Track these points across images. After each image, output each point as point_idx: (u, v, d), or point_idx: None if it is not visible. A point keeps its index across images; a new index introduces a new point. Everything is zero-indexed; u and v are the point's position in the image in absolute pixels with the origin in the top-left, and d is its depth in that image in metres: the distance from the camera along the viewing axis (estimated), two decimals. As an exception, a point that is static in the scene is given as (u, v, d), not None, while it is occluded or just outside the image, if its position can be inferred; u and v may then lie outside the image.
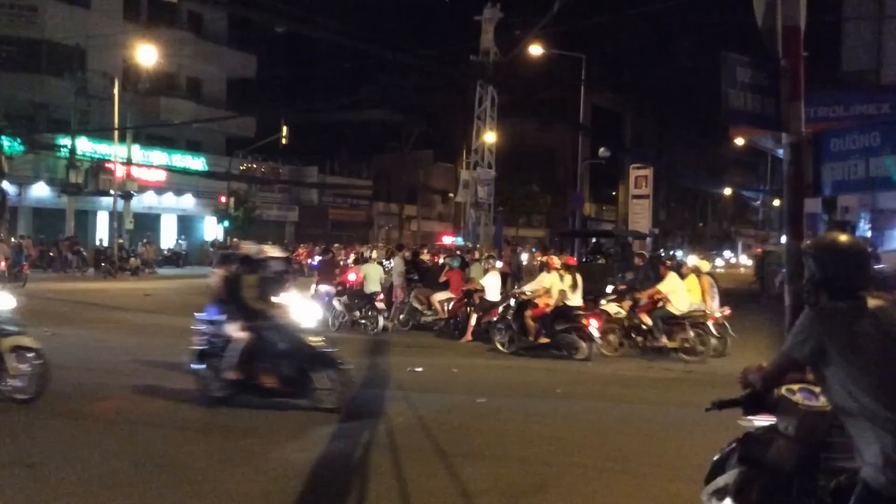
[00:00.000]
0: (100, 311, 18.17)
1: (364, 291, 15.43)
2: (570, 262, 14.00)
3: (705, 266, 13.98)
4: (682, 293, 12.81)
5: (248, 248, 9.28)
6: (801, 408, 3.46)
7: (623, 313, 13.16)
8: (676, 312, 12.68)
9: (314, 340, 8.36)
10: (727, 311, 13.34)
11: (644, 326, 12.92)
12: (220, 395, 8.30)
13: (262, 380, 8.20)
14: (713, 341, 12.77)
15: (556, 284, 13.03)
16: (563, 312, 12.84)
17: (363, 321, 15.37)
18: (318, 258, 22.45)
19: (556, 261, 13.65)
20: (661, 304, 12.91)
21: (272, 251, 9.49)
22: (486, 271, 15.24)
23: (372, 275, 15.53)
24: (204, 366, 8.51)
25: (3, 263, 22.97)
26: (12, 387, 7.93)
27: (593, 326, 12.51)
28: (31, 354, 8.03)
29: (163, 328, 15.12)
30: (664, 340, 12.67)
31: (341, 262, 20.96)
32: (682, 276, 13.41)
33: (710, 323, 12.69)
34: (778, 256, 22.84)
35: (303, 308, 8.90)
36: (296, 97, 52.99)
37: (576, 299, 13.02)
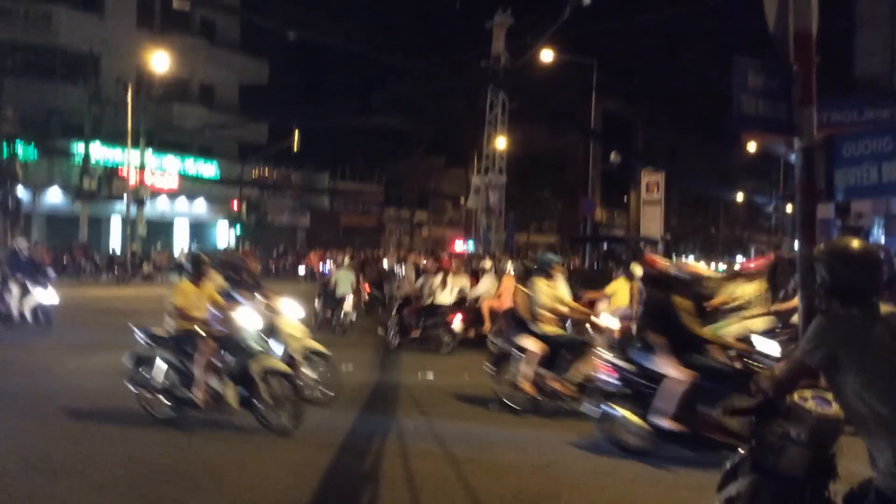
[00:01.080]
0: (114, 317, 18.22)
1: (336, 295, 16.36)
2: (443, 264, 15.94)
3: (638, 271, 14.38)
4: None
5: (667, 265, 7.82)
6: (813, 415, 3.45)
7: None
8: None
9: None
10: None
11: None
12: (638, 444, 6.90)
13: (704, 429, 6.53)
14: None
15: (432, 284, 14.49)
16: (431, 310, 14.04)
17: (332, 320, 16.35)
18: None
19: (429, 264, 15.74)
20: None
21: (699, 269, 7.75)
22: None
23: (342, 280, 16.58)
24: (617, 410, 7.00)
25: None
26: (266, 415, 7.33)
27: (456, 321, 13.61)
28: (283, 379, 7.39)
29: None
30: None
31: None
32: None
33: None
34: (786, 262, 22.70)
35: (760, 340, 6.94)
36: (308, 103, 53.20)
37: (443, 297, 14.21)
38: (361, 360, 12.15)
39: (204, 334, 7.50)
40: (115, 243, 36.84)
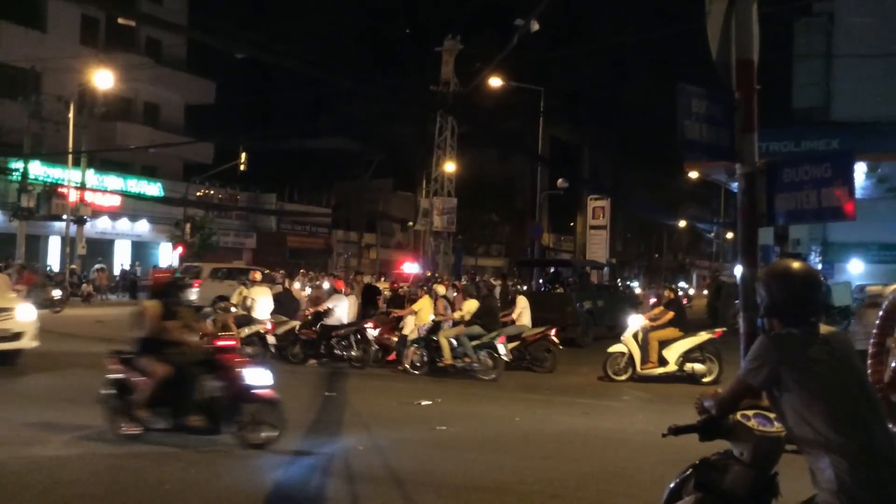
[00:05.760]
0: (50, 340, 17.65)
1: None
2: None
3: (441, 290, 15.77)
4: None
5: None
6: (756, 433, 3.49)
7: None
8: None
9: None
10: None
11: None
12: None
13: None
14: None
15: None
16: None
17: None
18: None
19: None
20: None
21: None
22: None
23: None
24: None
25: None
26: None
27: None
28: None
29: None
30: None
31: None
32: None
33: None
34: (731, 287, 23.33)
35: None
36: (255, 124, 52.77)
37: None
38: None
39: None
40: (53, 262, 35.92)
